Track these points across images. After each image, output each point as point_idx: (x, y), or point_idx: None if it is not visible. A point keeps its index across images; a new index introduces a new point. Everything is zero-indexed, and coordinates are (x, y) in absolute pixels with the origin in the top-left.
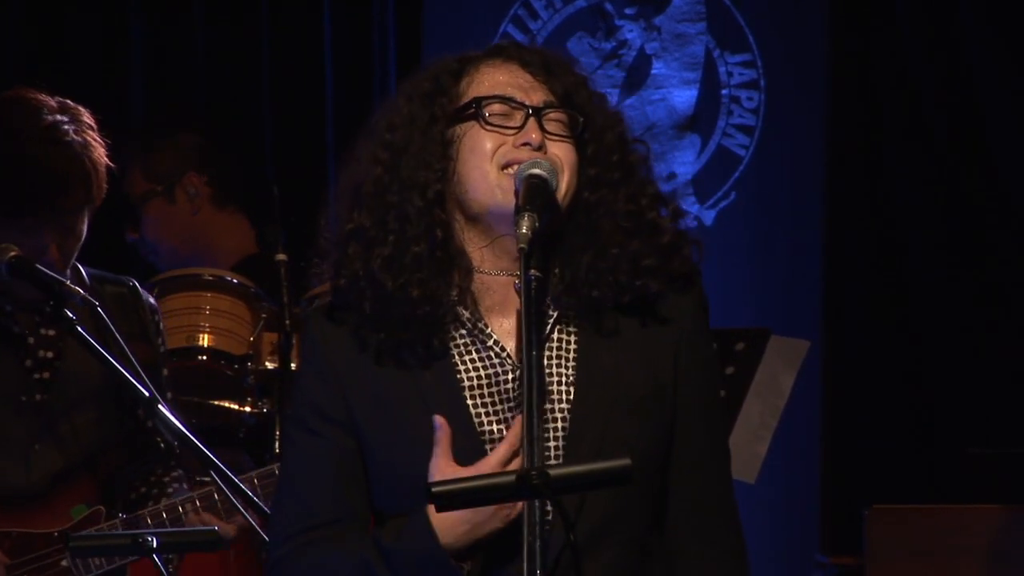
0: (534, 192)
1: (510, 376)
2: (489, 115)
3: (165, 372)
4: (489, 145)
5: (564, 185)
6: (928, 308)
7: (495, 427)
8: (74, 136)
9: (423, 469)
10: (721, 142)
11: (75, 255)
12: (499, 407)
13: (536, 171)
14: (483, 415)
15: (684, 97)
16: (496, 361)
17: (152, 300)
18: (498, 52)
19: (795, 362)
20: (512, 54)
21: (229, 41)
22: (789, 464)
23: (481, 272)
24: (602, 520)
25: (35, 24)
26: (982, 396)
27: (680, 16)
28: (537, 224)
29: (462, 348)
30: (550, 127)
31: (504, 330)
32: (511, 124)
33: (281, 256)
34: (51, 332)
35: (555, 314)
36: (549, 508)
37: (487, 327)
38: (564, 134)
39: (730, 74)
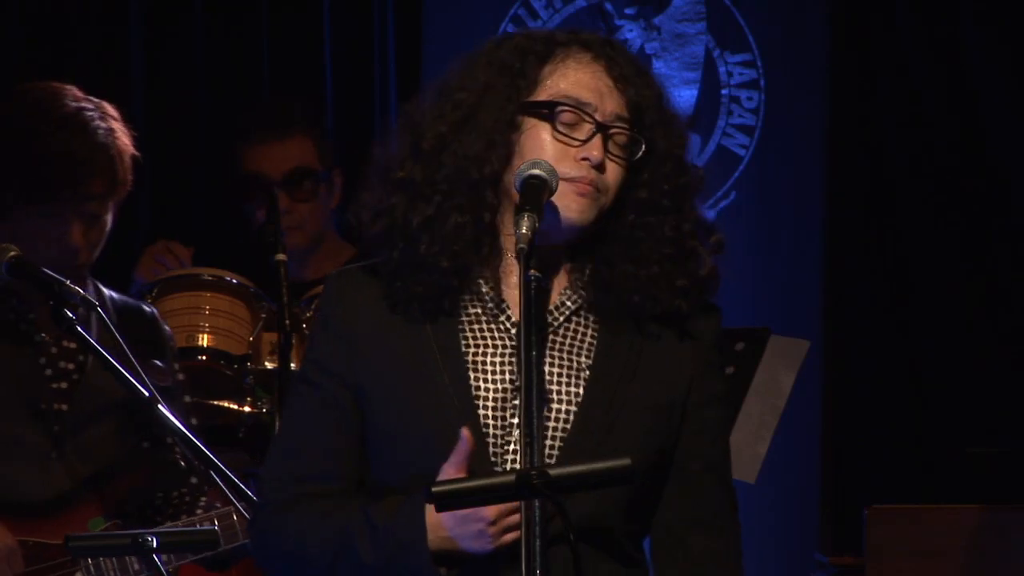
0: (533, 192)
1: (516, 355)
2: (560, 122)
3: (188, 399)
4: (551, 152)
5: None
6: (928, 308)
7: (491, 395)
8: (99, 123)
9: (416, 441)
10: (721, 142)
11: (100, 247)
12: (498, 376)
13: (535, 171)
14: (481, 382)
15: (684, 97)
16: (505, 335)
17: (168, 328)
18: (588, 46)
19: (795, 362)
20: (600, 53)
21: (229, 41)
22: (789, 464)
23: (512, 258)
24: (580, 522)
25: (35, 25)
26: (982, 396)
27: (680, 16)
28: (537, 224)
29: (473, 319)
30: (612, 147)
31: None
32: (577, 136)
33: (281, 256)
34: (73, 344)
35: (574, 306)
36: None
37: (508, 308)
38: (621, 156)
39: (730, 74)
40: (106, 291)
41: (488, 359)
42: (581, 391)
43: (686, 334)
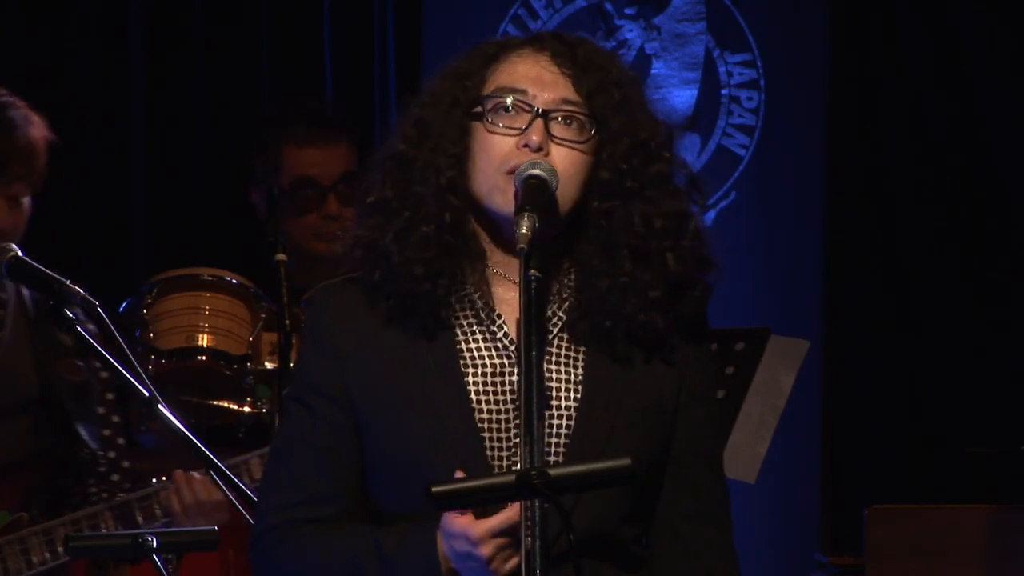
0: (533, 192)
1: (515, 369)
2: (495, 116)
3: (109, 396)
4: (495, 147)
5: (560, 192)
6: (928, 308)
7: (493, 416)
8: (14, 111)
9: (413, 454)
10: (721, 142)
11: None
12: (500, 397)
13: (535, 171)
14: (483, 402)
15: (684, 97)
16: (504, 352)
17: (89, 327)
18: (532, 41)
19: (795, 362)
20: (546, 44)
21: (229, 41)
22: (789, 464)
23: (493, 263)
24: (588, 529)
25: (35, 26)
26: (982, 396)
27: (680, 16)
28: (537, 224)
29: (468, 334)
30: (557, 130)
31: (516, 323)
32: (517, 125)
33: (281, 256)
34: None
35: (561, 322)
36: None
37: (499, 317)
38: (573, 138)
39: (730, 74)
40: (24, 290)
41: (488, 379)
42: (578, 399)
43: (671, 355)
